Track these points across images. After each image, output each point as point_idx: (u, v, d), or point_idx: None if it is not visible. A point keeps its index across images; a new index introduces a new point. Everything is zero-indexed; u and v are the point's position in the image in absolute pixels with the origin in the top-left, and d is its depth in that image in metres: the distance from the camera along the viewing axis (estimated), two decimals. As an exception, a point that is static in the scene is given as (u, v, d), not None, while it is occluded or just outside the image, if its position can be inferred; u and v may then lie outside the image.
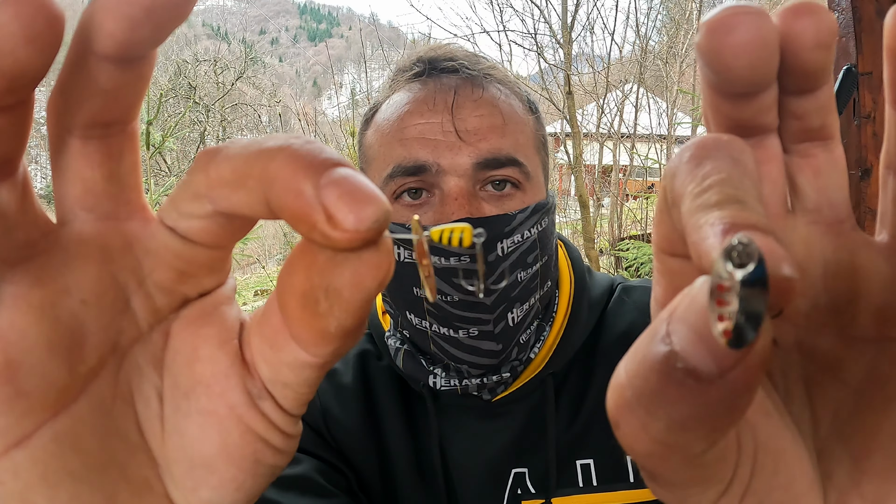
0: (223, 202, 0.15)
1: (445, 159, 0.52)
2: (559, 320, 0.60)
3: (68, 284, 0.16)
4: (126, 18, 0.14)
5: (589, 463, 0.57)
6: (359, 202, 0.13)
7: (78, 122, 0.16)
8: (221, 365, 0.17)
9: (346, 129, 6.28)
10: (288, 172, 0.14)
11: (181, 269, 0.17)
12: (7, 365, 0.15)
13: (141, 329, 0.18)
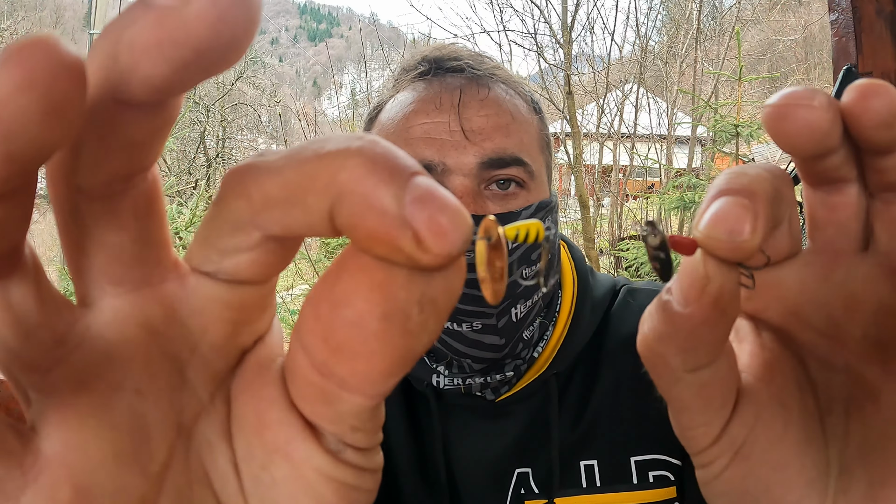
0: (275, 226, 0.13)
1: (451, 158, 0.52)
2: (562, 320, 0.60)
3: (116, 377, 0.14)
4: (170, 61, 0.11)
5: (592, 464, 0.57)
6: (449, 222, 0.12)
7: (96, 182, 0.13)
8: (295, 428, 0.15)
9: (346, 129, 6.28)
10: (365, 184, 0.12)
11: (234, 320, 0.15)
12: (77, 494, 0.12)
13: (202, 401, 0.15)
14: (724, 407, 0.19)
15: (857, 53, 1.18)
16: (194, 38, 0.11)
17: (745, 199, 0.16)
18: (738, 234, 0.16)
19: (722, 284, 0.17)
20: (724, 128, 3.52)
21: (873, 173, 0.19)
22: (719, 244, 0.16)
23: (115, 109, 0.12)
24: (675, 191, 3.90)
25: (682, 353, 0.18)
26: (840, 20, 1.21)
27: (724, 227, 0.16)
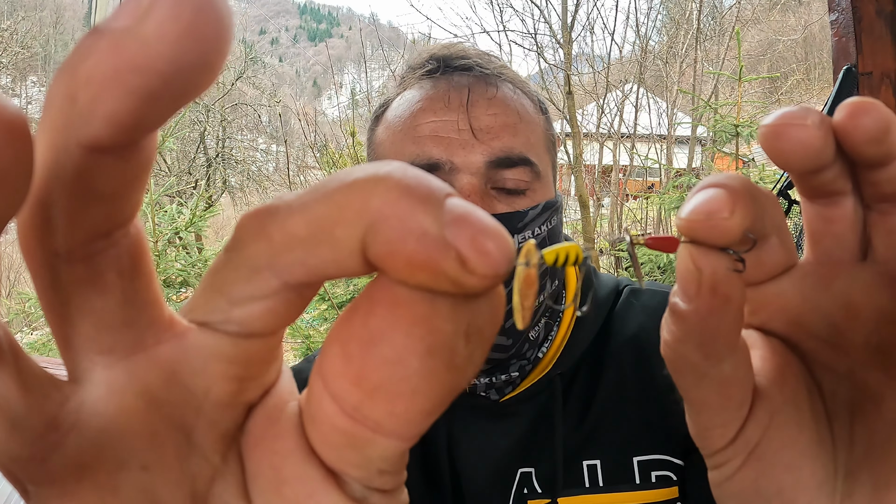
0: (299, 269, 0.12)
1: (458, 157, 0.52)
2: (566, 321, 0.60)
3: (119, 455, 0.12)
4: (134, 92, 0.10)
5: (595, 464, 0.57)
6: (492, 242, 0.11)
7: (73, 243, 0.12)
8: (315, 481, 0.14)
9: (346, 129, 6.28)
10: (400, 208, 0.11)
11: (240, 376, 0.14)
12: None
13: (214, 464, 0.14)
14: (742, 407, 0.20)
15: (857, 53, 1.18)
16: (158, 60, 0.09)
17: (723, 189, 0.17)
18: (718, 214, 0.17)
19: (714, 272, 0.17)
20: (724, 128, 3.52)
21: (868, 186, 0.20)
22: (699, 225, 0.17)
23: (83, 158, 0.11)
24: (675, 191, 3.90)
25: (701, 348, 0.18)
26: (840, 20, 1.21)
27: (703, 210, 0.17)
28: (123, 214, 0.12)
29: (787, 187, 1.25)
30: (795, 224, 1.22)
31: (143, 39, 0.09)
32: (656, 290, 0.65)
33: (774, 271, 0.21)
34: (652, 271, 3.82)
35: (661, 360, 0.20)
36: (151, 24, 0.09)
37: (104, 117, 0.10)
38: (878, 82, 1.18)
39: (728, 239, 0.17)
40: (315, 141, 6.74)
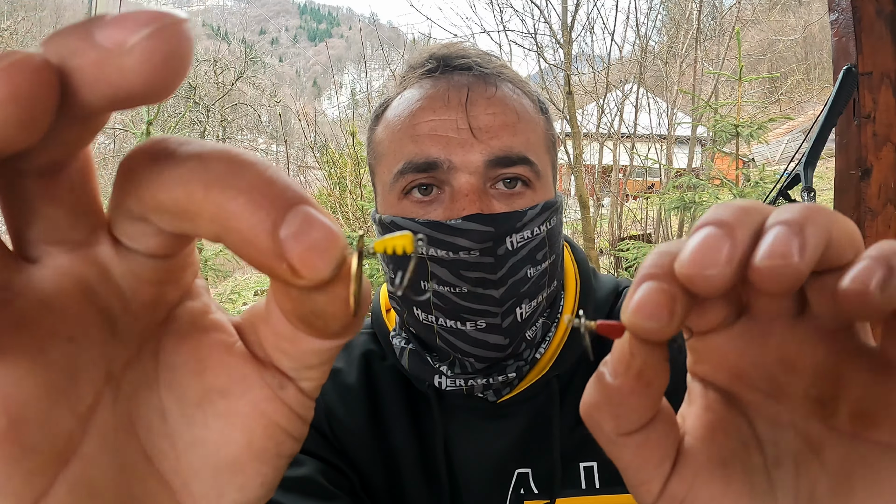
0: (168, 227, 0.15)
1: (457, 156, 0.51)
2: (563, 322, 0.60)
3: (52, 324, 0.15)
4: (104, 96, 0.13)
5: (592, 465, 0.57)
6: (319, 254, 0.14)
7: (34, 166, 0.14)
8: (235, 368, 0.17)
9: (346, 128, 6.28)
10: (245, 223, 0.14)
11: (161, 280, 0.17)
12: (11, 423, 0.14)
13: (130, 352, 0.17)
14: (661, 466, 0.21)
15: (857, 53, 1.18)
16: (127, 83, 0.12)
17: (665, 284, 0.18)
18: (658, 321, 0.18)
19: (645, 361, 0.19)
20: (724, 128, 3.52)
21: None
22: (642, 330, 0.18)
23: (59, 118, 0.13)
24: (675, 191, 3.90)
25: (614, 419, 0.20)
26: (840, 20, 1.21)
27: (644, 314, 0.18)
28: (76, 152, 0.15)
29: (787, 187, 1.25)
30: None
31: (121, 67, 0.12)
32: None
33: (713, 325, 0.22)
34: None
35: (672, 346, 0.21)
36: (131, 58, 0.12)
37: (79, 103, 0.13)
38: (878, 82, 1.18)
39: (665, 338, 0.19)
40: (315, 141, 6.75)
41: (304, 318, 0.16)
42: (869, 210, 1.20)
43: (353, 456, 0.58)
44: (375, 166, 0.58)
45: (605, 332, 0.21)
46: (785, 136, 10.32)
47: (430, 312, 0.54)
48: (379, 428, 0.59)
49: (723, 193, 3.56)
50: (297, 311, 0.16)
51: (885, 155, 1.19)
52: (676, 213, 4.15)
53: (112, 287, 0.16)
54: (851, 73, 1.16)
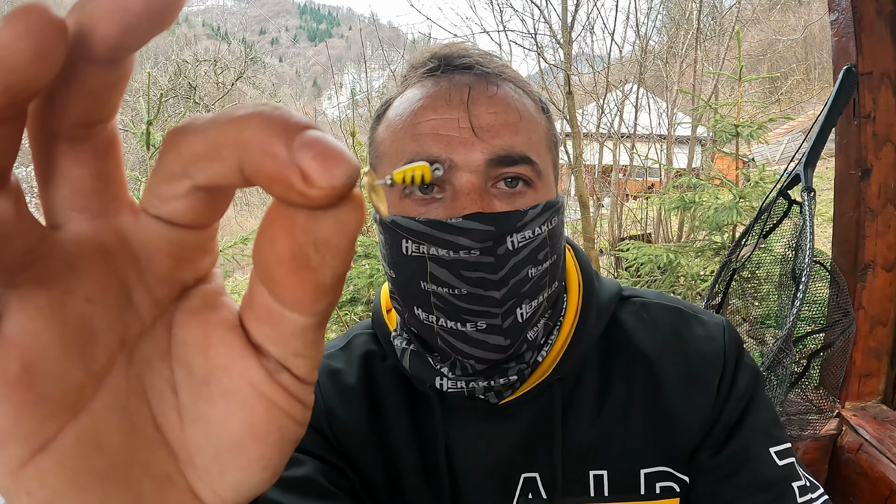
0: (199, 176, 0.16)
1: (458, 155, 0.51)
2: (567, 325, 0.59)
3: (72, 284, 0.16)
4: (119, 23, 0.14)
5: (602, 474, 0.57)
6: (331, 161, 0.14)
7: (65, 125, 0.16)
8: (236, 347, 0.18)
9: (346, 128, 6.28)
10: (261, 137, 0.14)
11: (176, 255, 0.18)
12: (25, 370, 0.15)
13: (145, 323, 0.18)
14: None
15: (857, 53, 1.18)
16: (134, 6, 0.14)
17: None
18: None
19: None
20: (724, 128, 3.52)
21: None
22: None
23: (80, 64, 0.15)
24: (675, 191, 3.90)
25: None
26: (840, 20, 1.21)
27: None
28: (102, 113, 0.16)
29: (787, 187, 1.25)
30: (795, 224, 1.22)
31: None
32: (666, 305, 0.64)
33: None
34: (652, 271, 3.82)
35: (678, 383, 0.20)
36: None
37: (99, 38, 0.15)
38: (878, 82, 1.18)
39: None
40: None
41: (300, 256, 0.15)
42: (869, 210, 1.20)
43: (353, 456, 0.58)
44: (377, 166, 0.58)
45: None
46: (785, 136, 10.31)
47: (430, 312, 0.54)
48: (379, 428, 0.59)
49: (723, 193, 3.56)
50: (296, 244, 0.15)
51: (885, 155, 1.19)
52: (676, 213, 4.15)
53: (130, 257, 0.17)
54: (851, 73, 1.16)
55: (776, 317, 1.27)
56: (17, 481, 0.15)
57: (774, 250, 1.27)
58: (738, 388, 0.60)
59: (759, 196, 3.19)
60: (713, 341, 0.61)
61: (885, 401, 1.28)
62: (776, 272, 1.24)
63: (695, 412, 0.59)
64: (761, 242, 1.29)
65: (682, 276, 3.76)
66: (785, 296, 1.18)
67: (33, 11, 0.13)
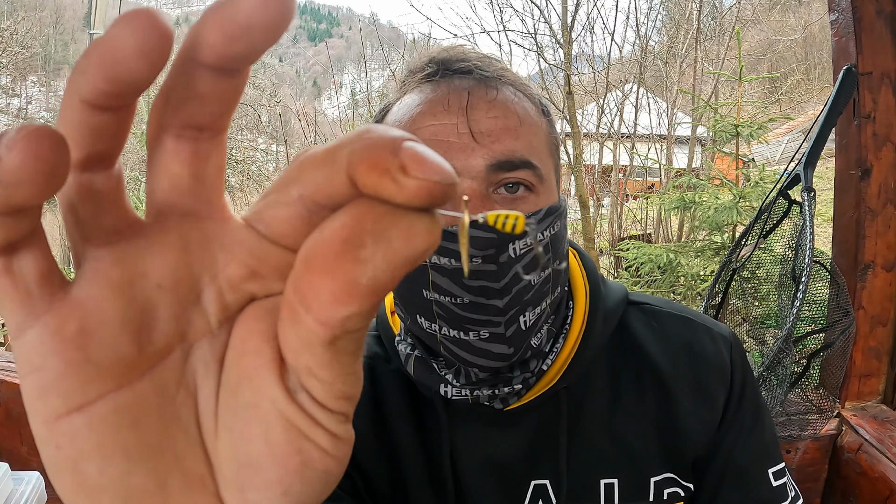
0: (309, 183, 0.16)
1: (458, 161, 0.50)
2: (574, 333, 0.58)
3: (146, 268, 0.17)
4: (224, 33, 0.15)
5: (613, 482, 0.57)
6: (431, 162, 0.15)
7: (174, 123, 0.17)
8: (264, 357, 0.17)
9: (346, 129, 6.27)
10: (373, 138, 0.15)
11: (252, 268, 0.18)
12: (80, 331, 0.16)
13: (210, 324, 0.18)
14: None
15: (857, 53, 1.17)
16: (239, 20, 0.15)
17: None
18: None
19: None
20: (724, 128, 3.52)
21: None
22: None
23: (193, 68, 0.16)
24: (675, 191, 3.90)
25: None
26: (840, 20, 1.21)
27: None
28: (209, 117, 0.17)
29: (787, 187, 1.25)
30: (795, 224, 1.22)
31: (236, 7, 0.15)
32: (676, 315, 0.64)
33: None
34: (652, 271, 3.82)
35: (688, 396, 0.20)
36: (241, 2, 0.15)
37: (208, 45, 0.16)
38: (878, 82, 1.18)
39: None
40: (315, 141, 6.74)
41: (353, 239, 0.15)
42: (869, 210, 1.20)
43: (357, 458, 0.58)
44: None
45: None
46: (785, 136, 10.31)
47: (433, 321, 0.53)
48: (383, 431, 0.59)
49: (723, 193, 3.56)
50: (357, 228, 0.15)
51: (885, 155, 1.19)
52: (676, 213, 4.15)
53: (208, 258, 0.18)
54: (851, 73, 1.16)
55: (776, 317, 1.27)
56: (50, 432, 0.16)
57: (774, 250, 1.27)
58: (743, 409, 0.61)
59: (759, 196, 3.19)
60: (721, 357, 0.61)
61: (885, 401, 1.28)
62: (776, 272, 1.24)
63: (701, 426, 0.59)
64: (761, 242, 1.29)
65: (682, 276, 3.76)
66: (785, 296, 1.18)
67: (142, 13, 0.14)
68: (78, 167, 0.16)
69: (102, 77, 0.15)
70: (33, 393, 0.16)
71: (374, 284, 0.15)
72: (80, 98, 0.15)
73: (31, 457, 1.46)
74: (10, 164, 0.14)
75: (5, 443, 1.46)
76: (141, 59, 0.14)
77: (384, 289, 0.15)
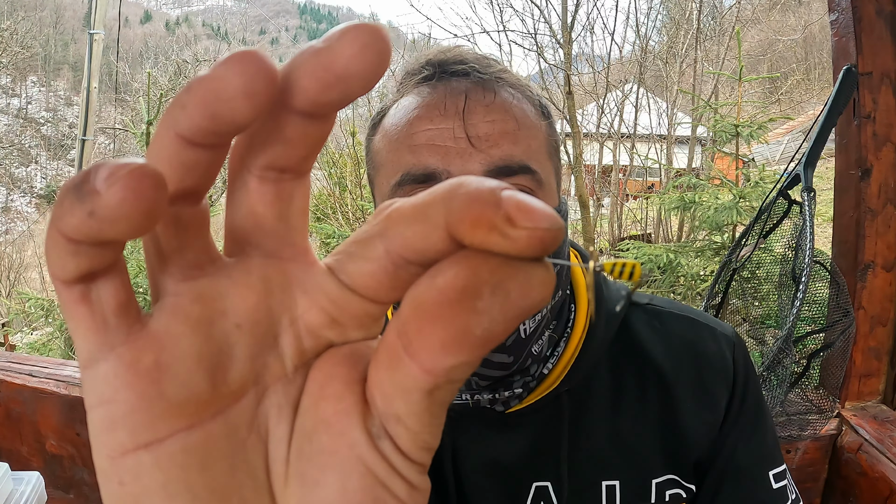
0: (398, 238, 0.16)
1: (456, 167, 0.49)
2: (576, 337, 0.58)
3: (226, 307, 0.17)
4: (320, 80, 0.15)
5: (615, 484, 0.57)
6: (535, 210, 0.14)
7: (258, 164, 0.17)
8: (346, 402, 0.17)
9: (346, 129, 6.27)
10: (470, 191, 0.14)
11: (333, 316, 0.18)
12: (156, 366, 0.15)
13: (286, 369, 0.18)
14: None
15: (857, 53, 1.18)
16: (336, 68, 0.15)
17: None
18: None
19: None
20: (724, 128, 3.52)
21: None
22: None
23: (281, 112, 0.16)
24: (675, 191, 3.90)
25: None
26: (840, 20, 1.21)
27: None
28: (294, 160, 0.17)
29: (787, 187, 1.25)
30: (795, 224, 1.22)
31: (332, 54, 0.15)
32: (678, 315, 0.64)
33: None
34: (652, 271, 3.82)
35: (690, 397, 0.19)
36: (338, 49, 0.15)
37: (300, 90, 0.15)
38: (878, 82, 1.18)
39: None
40: (315, 141, 6.72)
41: (471, 290, 0.15)
42: (869, 210, 1.20)
43: None
44: (374, 177, 0.57)
45: None
46: (785, 136, 10.31)
47: None
48: None
49: (723, 193, 3.56)
50: (474, 279, 0.15)
51: (885, 155, 1.19)
52: (676, 213, 4.15)
53: (288, 301, 0.18)
54: (851, 73, 1.16)
55: (776, 317, 1.27)
56: (114, 467, 0.16)
57: (774, 250, 1.27)
58: (745, 410, 0.60)
59: (759, 196, 3.19)
60: (724, 358, 0.61)
61: (885, 401, 1.29)
62: (776, 272, 1.24)
63: (704, 428, 0.59)
64: (761, 242, 1.29)
65: (682, 276, 3.76)
66: (785, 296, 1.18)
67: (251, 55, 0.14)
68: None
69: (203, 114, 0.14)
70: (101, 426, 0.16)
71: (487, 336, 0.15)
72: (176, 132, 0.15)
73: (31, 457, 1.46)
74: (110, 200, 0.13)
75: (5, 443, 1.46)
76: (245, 101, 0.14)
77: (497, 340, 0.15)
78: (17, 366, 1.49)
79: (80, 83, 14.87)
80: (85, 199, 0.13)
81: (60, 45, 29.53)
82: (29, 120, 20.43)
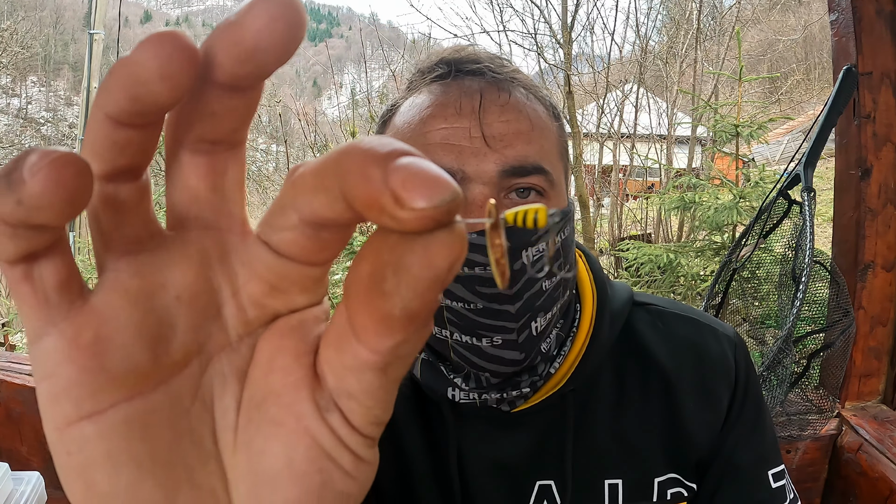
0: (306, 208, 0.16)
1: (470, 166, 0.50)
2: (581, 336, 0.58)
3: (166, 280, 0.17)
4: (232, 55, 0.15)
5: (617, 483, 0.57)
6: (424, 184, 0.14)
7: (189, 138, 0.17)
8: (294, 376, 0.17)
9: (346, 129, 6.27)
10: (359, 163, 0.14)
11: (273, 284, 0.18)
12: (96, 339, 0.16)
13: (230, 338, 0.18)
14: None
15: (857, 53, 1.18)
16: (246, 42, 0.15)
17: None
18: None
19: None
20: (724, 128, 3.52)
21: None
22: None
23: (205, 86, 0.16)
24: (675, 191, 3.90)
25: None
26: (840, 20, 1.21)
27: None
28: (223, 132, 0.17)
29: (787, 187, 1.25)
30: (795, 224, 1.22)
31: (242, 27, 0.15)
32: (681, 315, 0.64)
33: None
34: (652, 271, 3.82)
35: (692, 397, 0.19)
36: (248, 20, 0.15)
37: (217, 65, 0.16)
38: (878, 82, 1.18)
39: None
40: (315, 141, 6.74)
41: (376, 275, 0.15)
42: (869, 210, 1.20)
43: None
44: None
45: None
46: (785, 136, 10.31)
47: (444, 327, 0.53)
48: (390, 432, 0.58)
49: (723, 193, 3.56)
50: (377, 263, 0.15)
51: (885, 155, 1.19)
52: (676, 213, 4.15)
53: (228, 272, 0.18)
54: (851, 73, 1.16)
55: (776, 317, 1.27)
56: (61, 438, 0.16)
57: (774, 250, 1.27)
58: (746, 410, 0.61)
59: (759, 196, 3.19)
60: (726, 359, 0.61)
61: (885, 401, 1.29)
62: (776, 272, 1.24)
63: (705, 428, 0.59)
64: (761, 242, 1.29)
65: (682, 276, 3.76)
66: (785, 296, 1.18)
67: (168, 36, 0.15)
68: (102, 179, 0.16)
69: (125, 97, 0.15)
70: (46, 398, 0.16)
71: (407, 314, 0.15)
72: (105, 114, 0.15)
73: (31, 457, 1.46)
74: (33, 189, 0.14)
75: (5, 443, 1.46)
76: (162, 83, 0.14)
77: (421, 314, 0.15)
78: (17, 366, 1.49)
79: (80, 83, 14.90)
80: (13, 188, 0.14)
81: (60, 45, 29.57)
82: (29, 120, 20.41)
